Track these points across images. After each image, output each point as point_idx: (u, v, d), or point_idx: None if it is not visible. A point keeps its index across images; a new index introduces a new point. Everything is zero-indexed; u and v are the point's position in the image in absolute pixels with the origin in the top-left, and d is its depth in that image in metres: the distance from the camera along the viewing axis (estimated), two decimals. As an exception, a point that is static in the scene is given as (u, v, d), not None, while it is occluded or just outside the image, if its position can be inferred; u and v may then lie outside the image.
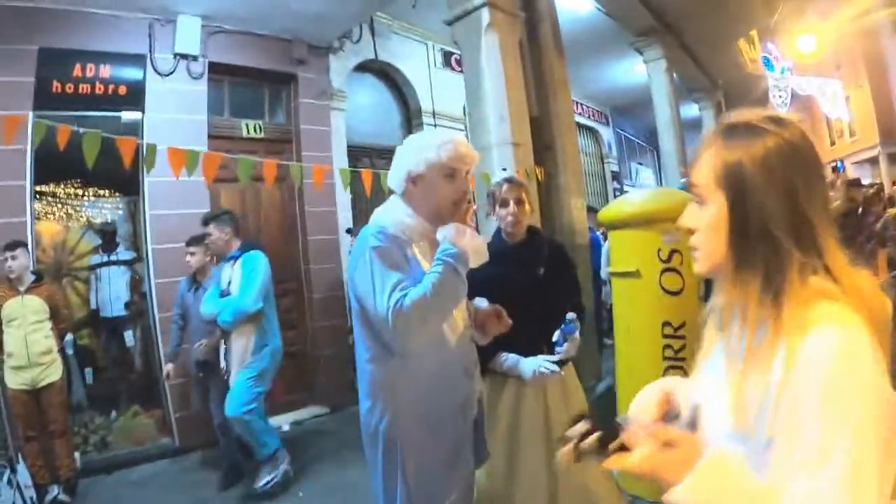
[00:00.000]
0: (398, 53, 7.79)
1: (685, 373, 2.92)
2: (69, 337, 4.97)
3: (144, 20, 5.34)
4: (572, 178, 4.84)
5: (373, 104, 7.84)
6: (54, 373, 4.17)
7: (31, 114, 4.65)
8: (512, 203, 2.44)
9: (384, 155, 7.34)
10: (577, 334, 2.28)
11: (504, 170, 2.82)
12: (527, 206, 2.49)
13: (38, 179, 5.01)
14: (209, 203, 5.55)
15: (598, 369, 3.69)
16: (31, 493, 3.96)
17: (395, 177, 1.91)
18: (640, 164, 15.97)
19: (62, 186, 6.35)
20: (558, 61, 5.08)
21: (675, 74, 9.71)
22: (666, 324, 3.08)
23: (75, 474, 4.29)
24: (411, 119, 8.08)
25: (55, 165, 5.05)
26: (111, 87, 5.17)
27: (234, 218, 4.28)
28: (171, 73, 5.46)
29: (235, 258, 4.05)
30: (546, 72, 4.99)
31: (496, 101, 4.31)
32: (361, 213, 6.86)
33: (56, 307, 4.32)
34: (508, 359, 2.34)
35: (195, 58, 5.55)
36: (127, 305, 5.98)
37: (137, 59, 5.32)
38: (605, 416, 0.98)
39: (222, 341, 4.06)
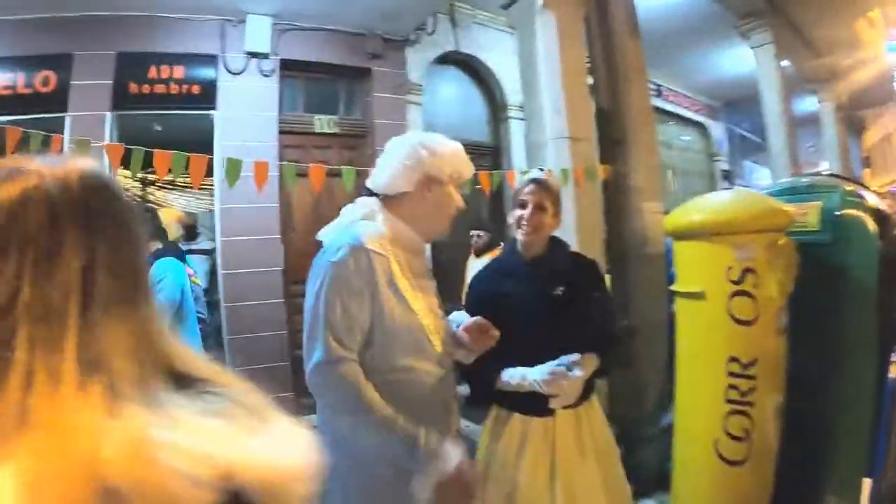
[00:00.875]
0: (482, 44, 7.52)
1: (751, 421, 2.50)
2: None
3: (216, 21, 5.53)
4: (647, 177, 4.31)
5: (455, 98, 7.66)
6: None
7: (108, 114, 5.00)
8: (530, 206, 2.10)
9: (468, 150, 7.10)
10: (575, 374, 1.91)
11: (541, 169, 2.47)
12: (549, 215, 2.13)
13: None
14: (278, 199, 5.66)
15: (667, 397, 3.23)
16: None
17: (399, 176, 1.68)
18: (756, 162, 14.72)
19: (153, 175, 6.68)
20: (632, 44, 4.56)
21: (786, 62, 8.79)
22: (733, 359, 2.55)
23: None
24: (497, 113, 7.83)
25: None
26: (185, 86, 5.44)
27: (151, 217, 3.85)
28: (242, 71, 5.62)
29: None
30: (617, 57, 4.53)
31: (551, 91, 3.91)
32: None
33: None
34: (514, 375, 1.99)
35: (266, 56, 5.67)
36: (205, 292, 6.21)
37: (210, 60, 5.53)
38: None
39: None
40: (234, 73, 5.57)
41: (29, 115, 4.71)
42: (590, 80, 4.35)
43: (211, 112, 5.52)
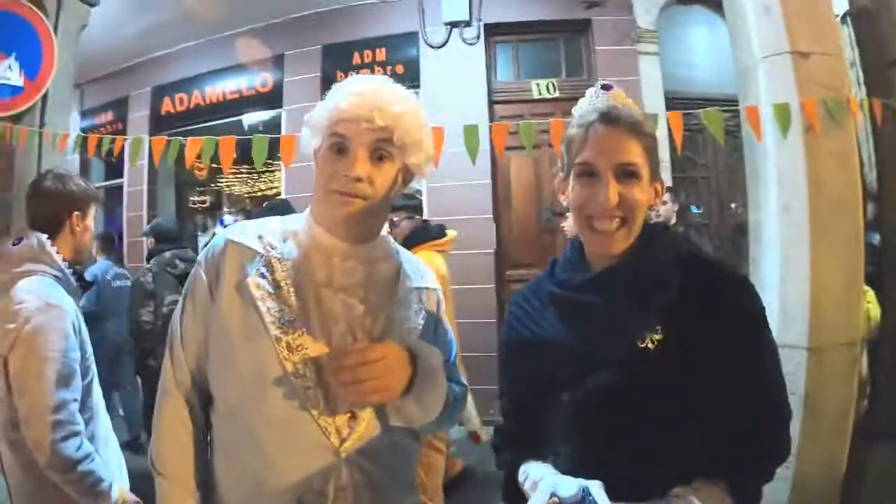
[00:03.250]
0: (735, -26, 6.19)
1: None
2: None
3: (413, -1, 5.55)
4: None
5: (703, 44, 6.46)
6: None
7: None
8: (602, 166, 1.04)
9: (728, 107, 6.03)
10: None
11: (605, 87, 1.12)
12: (641, 183, 1.05)
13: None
14: (490, 175, 5.35)
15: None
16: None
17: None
18: None
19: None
20: None
21: None
22: None
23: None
24: (762, 59, 6.44)
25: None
26: (388, 67, 5.50)
27: None
28: (444, 44, 5.44)
29: None
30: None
31: (755, -22, 2.52)
32: (687, 181, 5.66)
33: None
34: (529, 475, 1.09)
35: (467, 23, 5.40)
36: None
37: (410, 37, 5.51)
38: None
39: None
40: (434, 47, 5.43)
41: (253, 112, 5.28)
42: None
43: (416, 89, 5.39)
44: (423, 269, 1.27)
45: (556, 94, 5.61)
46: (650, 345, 1.00)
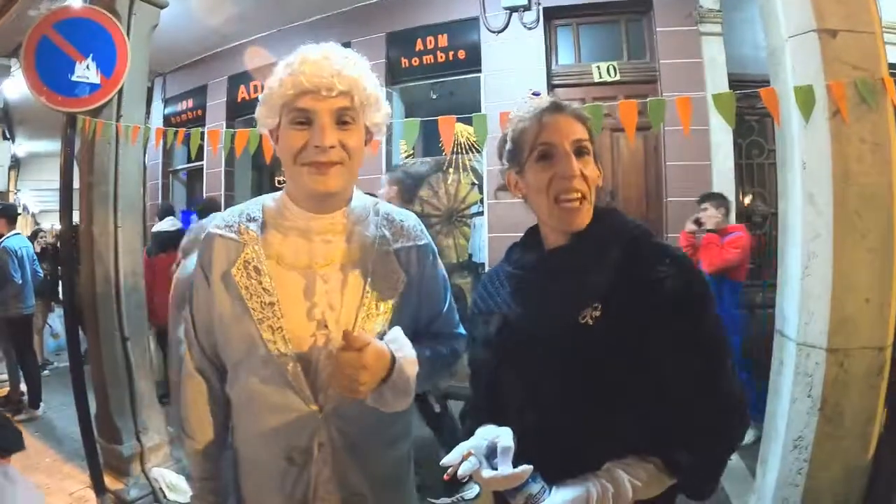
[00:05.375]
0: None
1: None
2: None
3: (474, -17, 5.63)
4: None
5: (771, 22, 6.26)
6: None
7: (383, 90, 5.62)
8: (562, 148, 1.09)
9: None
10: (532, 490, 0.95)
11: (535, 94, 1.20)
12: (592, 162, 1.11)
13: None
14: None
15: None
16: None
17: None
18: None
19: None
20: None
21: None
22: None
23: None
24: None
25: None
26: (451, 53, 5.71)
27: None
28: (504, 28, 5.53)
29: None
30: None
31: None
32: (754, 167, 5.56)
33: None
34: (480, 434, 1.07)
35: (526, 7, 5.46)
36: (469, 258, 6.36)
37: (470, 23, 5.64)
38: None
39: None
40: (495, 32, 5.52)
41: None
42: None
43: (477, 74, 5.61)
44: (408, 226, 1.28)
45: (618, 78, 5.57)
46: (590, 321, 1.03)
